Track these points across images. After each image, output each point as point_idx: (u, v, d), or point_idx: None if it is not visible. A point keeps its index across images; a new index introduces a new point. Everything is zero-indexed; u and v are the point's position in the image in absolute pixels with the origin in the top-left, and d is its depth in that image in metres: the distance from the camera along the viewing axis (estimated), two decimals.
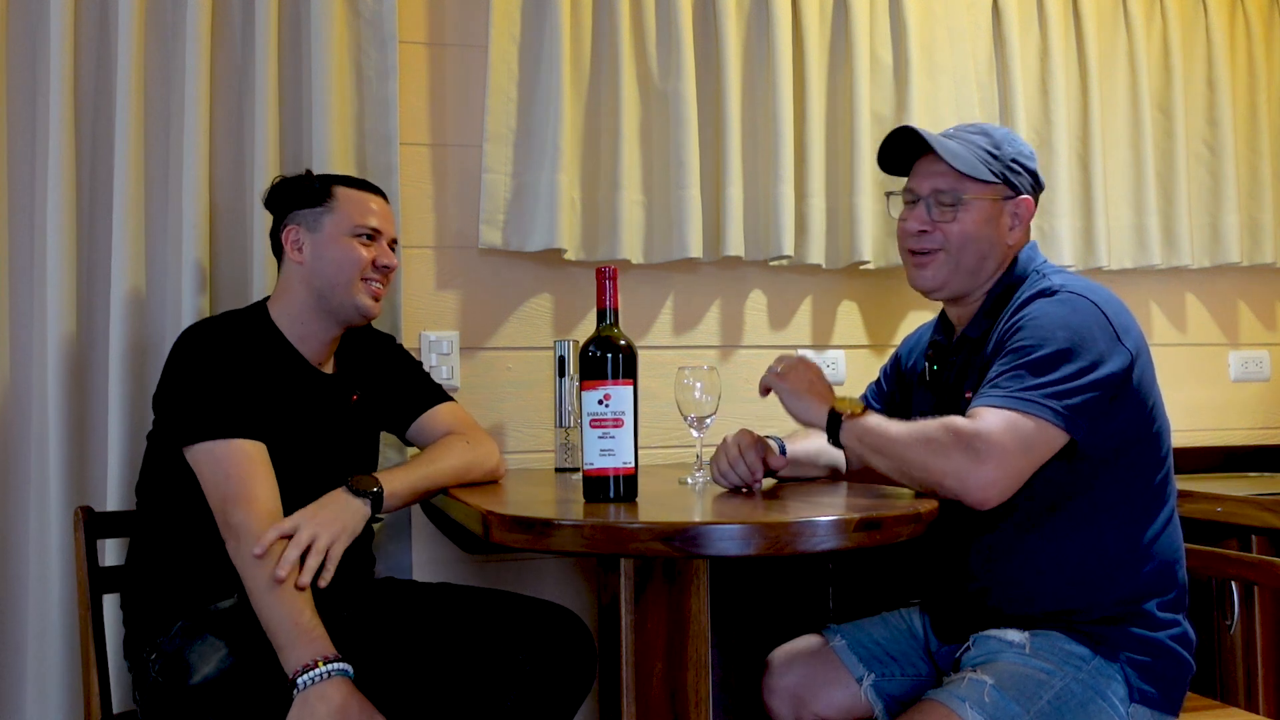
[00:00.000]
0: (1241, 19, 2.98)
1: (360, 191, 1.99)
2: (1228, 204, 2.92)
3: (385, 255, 1.97)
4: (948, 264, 1.78)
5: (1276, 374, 3.08)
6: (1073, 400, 1.57)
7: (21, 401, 2.18)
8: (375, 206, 1.99)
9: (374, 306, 1.97)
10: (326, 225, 1.94)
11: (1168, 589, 1.65)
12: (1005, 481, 1.54)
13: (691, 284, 2.64)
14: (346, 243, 1.94)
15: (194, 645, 1.70)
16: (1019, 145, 1.82)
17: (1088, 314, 1.64)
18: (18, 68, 2.20)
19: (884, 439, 1.64)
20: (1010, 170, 1.78)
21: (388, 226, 2.00)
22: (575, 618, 1.92)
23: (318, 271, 1.93)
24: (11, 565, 2.17)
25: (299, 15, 2.32)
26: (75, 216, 2.18)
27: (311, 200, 1.96)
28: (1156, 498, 1.68)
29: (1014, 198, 1.79)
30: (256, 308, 1.98)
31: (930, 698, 1.60)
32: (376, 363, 2.09)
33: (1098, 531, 1.64)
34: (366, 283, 1.95)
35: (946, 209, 1.78)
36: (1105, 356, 1.60)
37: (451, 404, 2.11)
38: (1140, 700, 1.60)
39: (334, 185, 1.98)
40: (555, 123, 2.42)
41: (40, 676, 2.13)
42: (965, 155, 1.77)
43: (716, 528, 1.36)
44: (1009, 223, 1.79)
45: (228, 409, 1.78)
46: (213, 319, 1.95)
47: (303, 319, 1.95)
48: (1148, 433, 1.67)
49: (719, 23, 2.55)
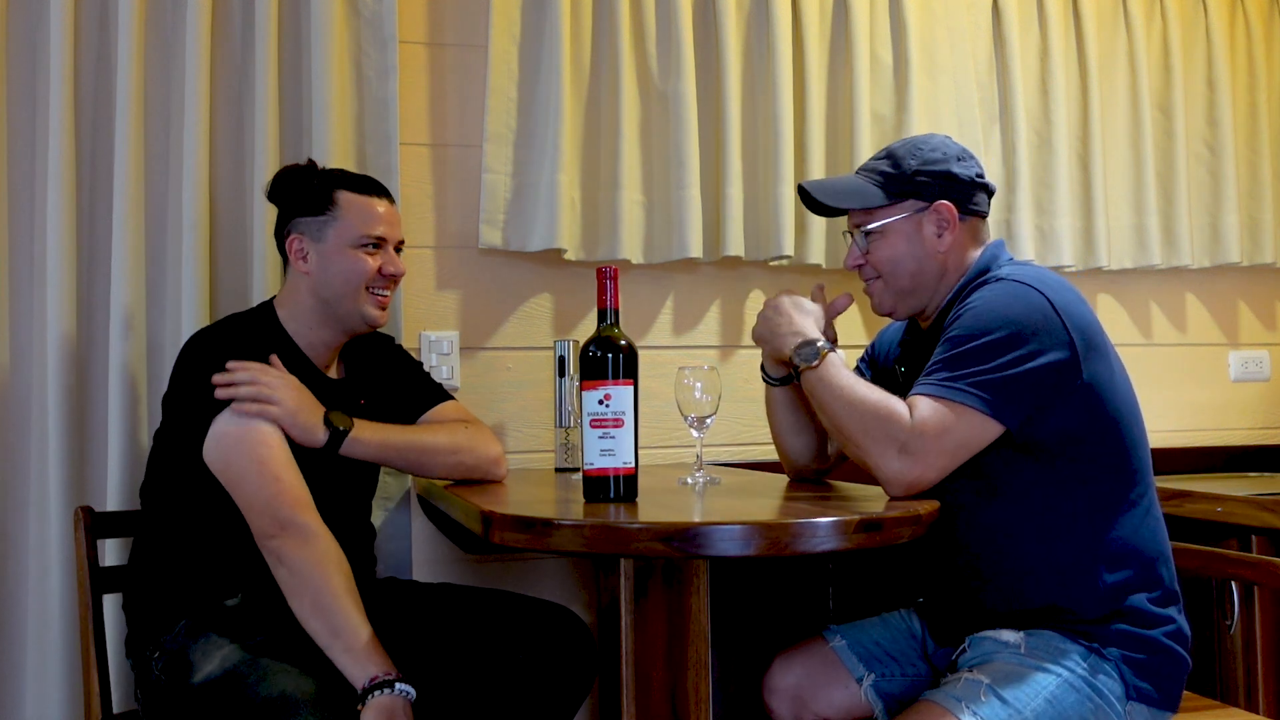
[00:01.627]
0: (1241, 19, 2.98)
1: (364, 196, 1.94)
2: (1228, 204, 2.92)
3: (392, 263, 1.94)
4: (886, 289, 1.84)
5: (1276, 374, 3.08)
6: (1004, 389, 1.58)
7: (21, 401, 2.18)
8: (381, 211, 1.94)
9: (380, 316, 1.95)
10: (331, 236, 1.90)
11: (1153, 585, 1.65)
12: (930, 476, 1.59)
13: (691, 284, 2.64)
14: (352, 254, 1.90)
15: (197, 643, 1.70)
16: (926, 154, 1.80)
17: (1030, 303, 1.63)
18: (18, 68, 2.20)
19: (830, 401, 1.67)
20: (913, 184, 1.79)
21: (394, 231, 1.96)
22: (575, 617, 1.92)
23: (323, 282, 1.91)
24: (11, 565, 2.17)
25: (299, 15, 2.32)
26: (75, 216, 2.18)
27: (314, 207, 1.92)
28: (1126, 491, 1.67)
29: (927, 207, 1.79)
30: (263, 310, 1.96)
31: (927, 698, 1.60)
32: (380, 365, 2.08)
33: (1072, 525, 1.65)
34: (372, 293, 1.92)
35: (868, 239, 1.83)
36: (1045, 346, 1.60)
37: (454, 402, 2.11)
38: (1137, 698, 1.60)
39: (336, 190, 1.93)
40: (555, 123, 2.42)
41: (40, 676, 2.13)
42: (856, 189, 1.83)
43: (716, 528, 1.36)
44: (934, 230, 1.79)
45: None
46: (220, 323, 1.92)
47: (310, 324, 1.93)
48: (1106, 425, 1.66)
49: (719, 23, 2.55)
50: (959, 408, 1.58)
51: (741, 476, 2.15)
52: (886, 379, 1.93)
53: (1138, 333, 2.96)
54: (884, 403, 1.62)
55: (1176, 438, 2.94)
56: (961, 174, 1.80)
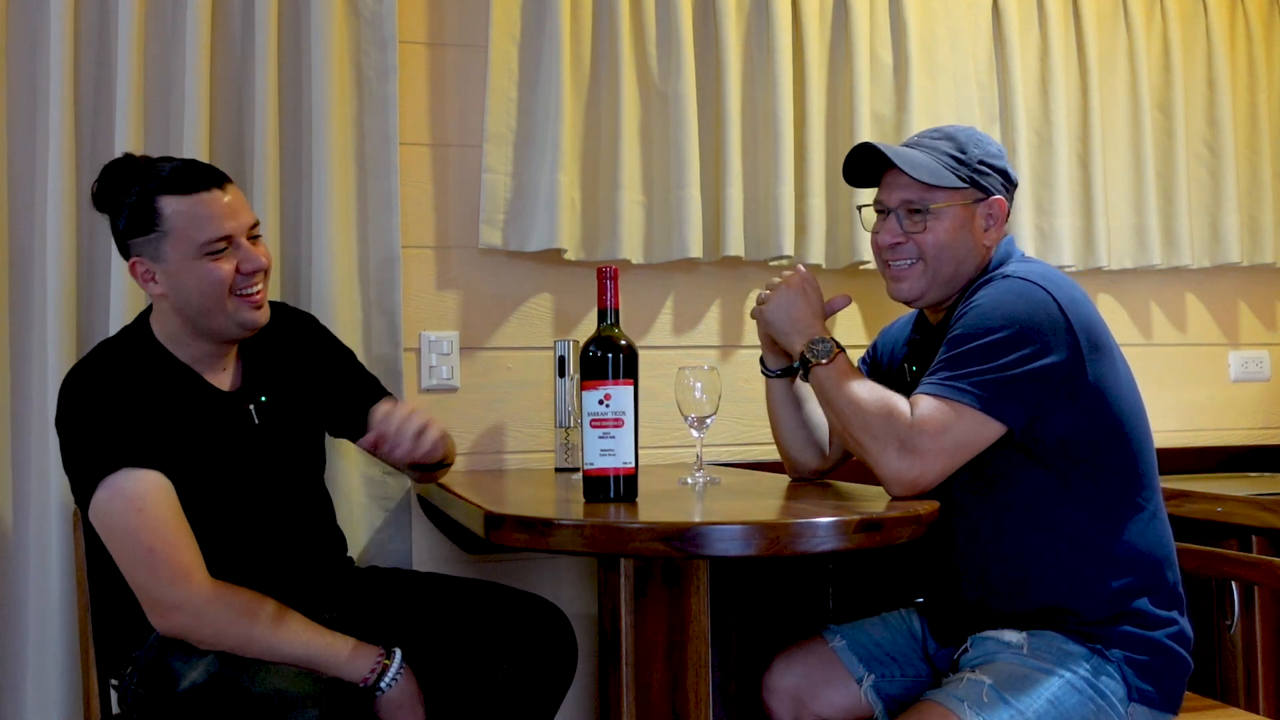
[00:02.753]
0: (1241, 19, 2.98)
1: (190, 196, 1.70)
2: (1228, 204, 2.92)
3: (249, 259, 1.72)
4: (925, 274, 1.77)
5: (1276, 374, 3.08)
6: (1005, 388, 1.58)
7: (21, 402, 2.18)
8: (214, 209, 1.70)
9: (257, 315, 1.76)
10: (169, 252, 1.69)
11: (1157, 587, 1.65)
12: (932, 476, 1.58)
13: (691, 284, 2.64)
14: (199, 265, 1.69)
15: (175, 653, 1.64)
16: (986, 145, 1.80)
17: (1035, 302, 1.63)
18: (18, 68, 2.20)
19: (837, 399, 1.66)
20: (978, 173, 1.77)
21: (238, 221, 1.73)
22: (556, 610, 1.91)
23: (182, 301, 1.72)
24: (11, 565, 2.17)
25: (299, 15, 2.32)
26: (75, 216, 2.18)
27: (140, 226, 1.70)
28: (1133, 495, 1.67)
29: (985, 199, 1.77)
30: (137, 328, 1.79)
31: (929, 698, 1.60)
32: (294, 350, 1.92)
33: (1077, 529, 1.65)
34: (239, 296, 1.73)
35: (917, 219, 1.76)
36: (1050, 346, 1.60)
37: (390, 397, 1.97)
38: (1139, 699, 1.60)
39: (157, 198, 1.69)
40: (555, 123, 2.42)
41: (40, 677, 2.13)
42: (929, 164, 1.75)
43: (716, 528, 1.36)
44: (983, 224, 1.78)
45: (118, 443, 1.62)
46: (89, 356, 1.75)
47: (186, 340, 1.76)
48: (1112, 428, 1.66)
49: (719, 23, 2.55)
50: (959, 407, 1.58)
51: (741, 476, 2.15)
52: (892, 379, 1.92)
53: (1138, 333, 2.96)
54: (886, 401, 1.62)
55: (1176, 438, 2.94)
56: (1012, 174, 1.82)
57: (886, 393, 1.64)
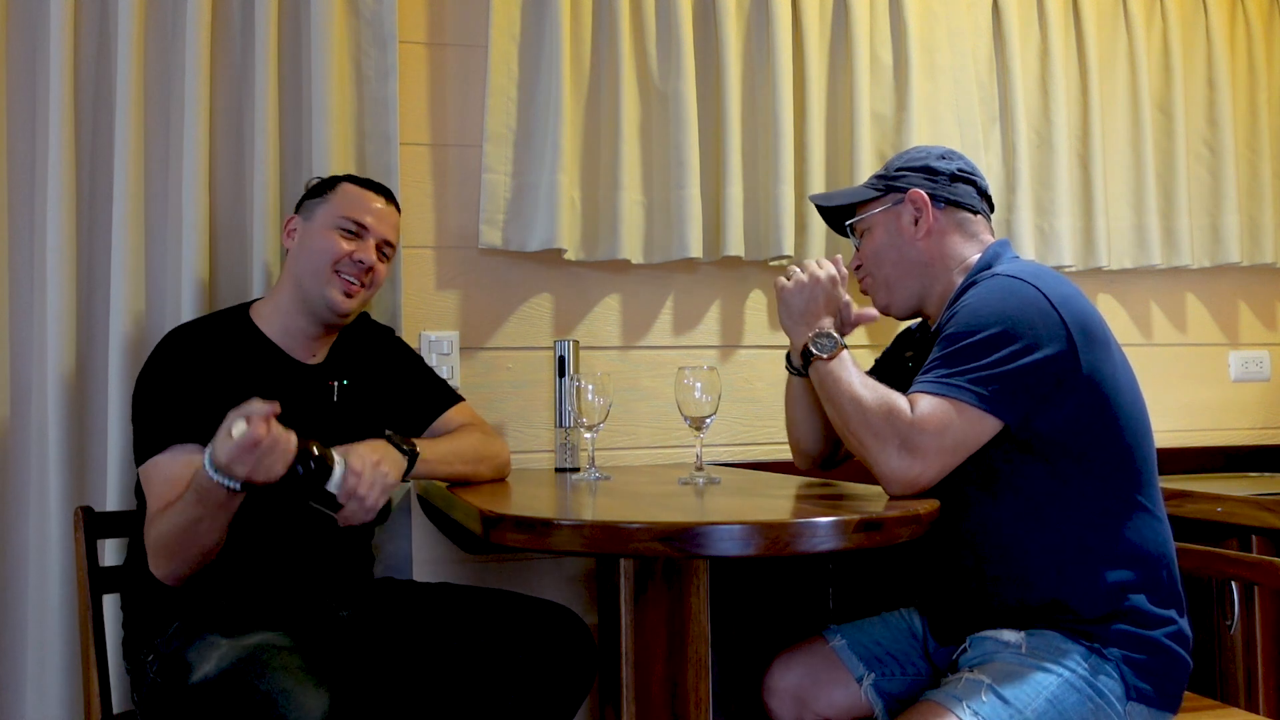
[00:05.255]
0: (1241, 19, 2.98)
1: (363, 189, 2.02)
2: (1228, 204, 2.92)
3: (364, 251, 1.96)
4: (877, 284, 1.91)
5: (1276, 374, 3.08)
6: (999, 385, 1.59)
7: (22, 402, 2.18)
8: (372, 203, 2.00)
9: (343, 302, 1.94)
10: (319, 215, 1.98)
11: (1156, 586, 1.65)
12: (930, 474, 1.59)
13: (691, 284, 2.64)
14: (328, 233, 1.95)
15: (193, 645, 1.69)
16: (910, 154, 1.92)
17: (1026, 298, 1.64)
18: (18, 68, 2.20)
19: (837, 395, 1.68)
20: (894, 179, 1.89)
21: (381, 226, 1.99)
22: (575, 617, 1.92)
23: (299, 258, 1.96)
24: (11, 565, 2.17)
25: (299, 15, 2.32)
26: (75, 216, 2.18)
27: (318, 191, 2.01)
28: (1130, 491, 1.67)
29: (903, 198, 1.86)
30: (239, 308, 2.01)
31: (928, 698, 1.60)
32: (375, 355, 2.08)
33: (1075, 526, 1.65)
34: (339, 276, 1.94)
35: (861, 238, 1.93)
36: (1041, 341, 1.60)
37: (464, 404, 2.13)
38: (1137, 698, 1.60)
39: (341, 181, 2.02)
40: (555, 123, 2.42)
41: (40, 676, 2.13)
42: (848, 192, 1.96)
43: (716, 528, 1.36)
44: (909, 220, 1.86)
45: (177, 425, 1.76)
46: (189, 324, 1.96)
47: (288, 311, 1.96)
48: (1108, 424, 1.66)
49: (719, 23, 2.55)
50: (958, 404, 1.59)
51: (741, 476, 2.15)
52: (895, 365, 1.98)
53: (1138, 333, 2.96)
54: (887, 399, 1.62)
55: (1176, 438, 2.94)
56: (940, 167, 1.88)
57: (887, 391, 1.64)
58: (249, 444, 1.51)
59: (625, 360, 2.55)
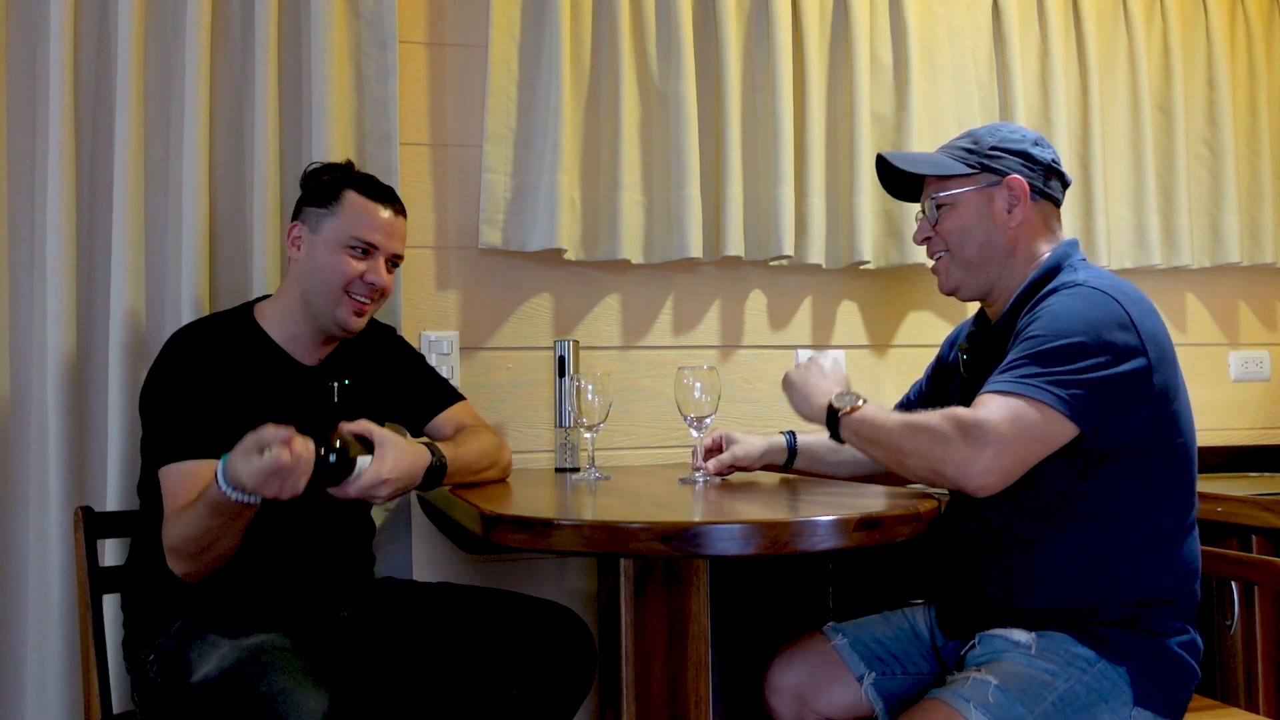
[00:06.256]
0: (1241, 19, 2.98)
1: (370, 201, 1.94)
2: (1228, 204, 2.92)
3: (376, 273, 1.92)
4: (954, 263, 1.83)
5: (1277, 374, 3.08)
6: (1080, 391, 1.56)
7: (22, 401, 2.18)
8: (381, 218, 1.93)
9: (355, 322, 1.93)
10: (325, 229, 1.92)
11: (1181, 599, 1.64)
12: (1005, 468, 1.55)
13: (691, 284, 2.64)
14: (338, 253, 1.90)
15: (194, 645, 1.70)
16: (1004, 133, 1.84)
17: (1108, 310, 1.62)
18: (18, 68, 2.20)
19: (880, 430, 1.66)
20: (990, 158, 1.81)
21: (390, 242, 1.94)
22: (575, 617, 1.92)
23: (307, 273, 1.92)
24: (11, 565, 2.17)
25: (299, 15, 2.32)
26: (75, 217, 2.18)
27: (322, 199, 1.94)
28: (1178, 506, 1.66)
29: (1000, 181, 1.80)
30: (244, 309, 1.98)
31: (934, 697, 1.60)
32: (377, 354, 2.08)
33: (1114, 533, 1.63)
34: (351, 297, 1.91)
35: (940, 213, 1.83)
36: (1122, 354, 1.59)
37: (465, 403, 2.12)
38: (1144, 704, 1.59)
39: (346, 188, 1.94)
40: (555, 123, 2.42)
41: (40, 676, 2.13)
42: (936, 160, 1.84)
43: (716, 528, 1.36)
44: (1004, 205, 1.80)
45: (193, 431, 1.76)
46: (196, 324, 1.94)
47: (293, 316, 1.94)
48: (1169, 438, 1.65)
49: (719, 23, 2.55)
50: (1036, 404, 1.55)
51: (741, 476, 2.15)
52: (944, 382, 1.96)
53: None
54: (938, 410, 1.61)
55: None
56: (1038, 155, 1.83)
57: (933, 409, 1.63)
58: (274, 469, 1.51)
59: (625, 360, 2.55)
